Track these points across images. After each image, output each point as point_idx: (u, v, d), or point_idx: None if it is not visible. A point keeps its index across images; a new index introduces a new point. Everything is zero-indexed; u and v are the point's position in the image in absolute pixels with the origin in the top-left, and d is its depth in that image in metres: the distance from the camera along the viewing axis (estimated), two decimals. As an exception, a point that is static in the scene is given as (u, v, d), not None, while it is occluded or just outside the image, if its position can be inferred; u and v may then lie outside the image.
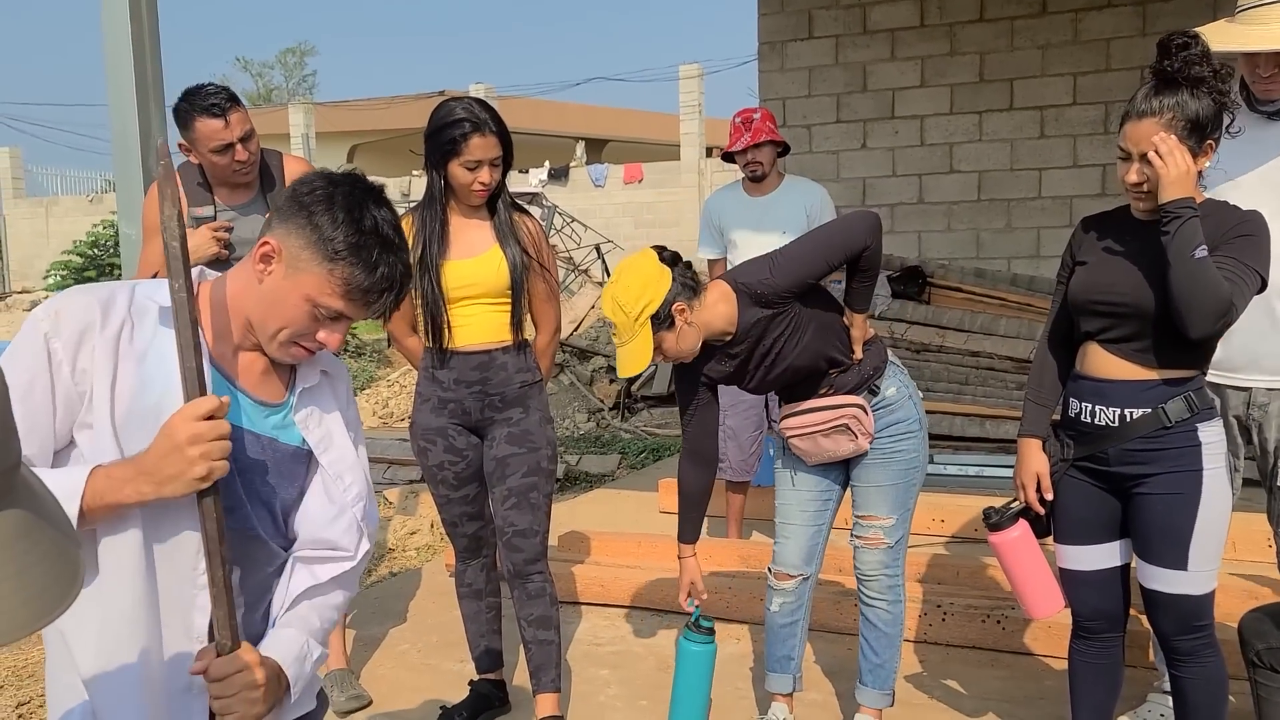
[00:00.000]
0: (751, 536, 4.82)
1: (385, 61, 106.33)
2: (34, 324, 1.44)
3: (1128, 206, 2.48)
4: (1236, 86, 2.74)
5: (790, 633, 3.04)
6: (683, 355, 2.74)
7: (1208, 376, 2.55)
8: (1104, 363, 2.47)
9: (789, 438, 2.92)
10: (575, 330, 10.26)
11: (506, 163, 3.01)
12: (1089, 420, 2.49)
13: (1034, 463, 2.61)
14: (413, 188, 19.94)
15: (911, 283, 6.89)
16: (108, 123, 3.83)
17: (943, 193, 7.86)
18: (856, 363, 2.85)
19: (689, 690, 2.83)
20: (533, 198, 16.66)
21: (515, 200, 3.14)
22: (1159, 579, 2.45)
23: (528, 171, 20.17)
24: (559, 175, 20.52)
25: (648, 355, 2.64)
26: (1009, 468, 2.93)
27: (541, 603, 3.16)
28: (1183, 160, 2.28)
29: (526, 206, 3.27)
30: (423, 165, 3.04)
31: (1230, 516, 2.48)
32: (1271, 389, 2.87)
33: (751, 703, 3.42)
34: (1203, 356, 2.45)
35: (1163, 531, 2.43)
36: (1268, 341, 2.82)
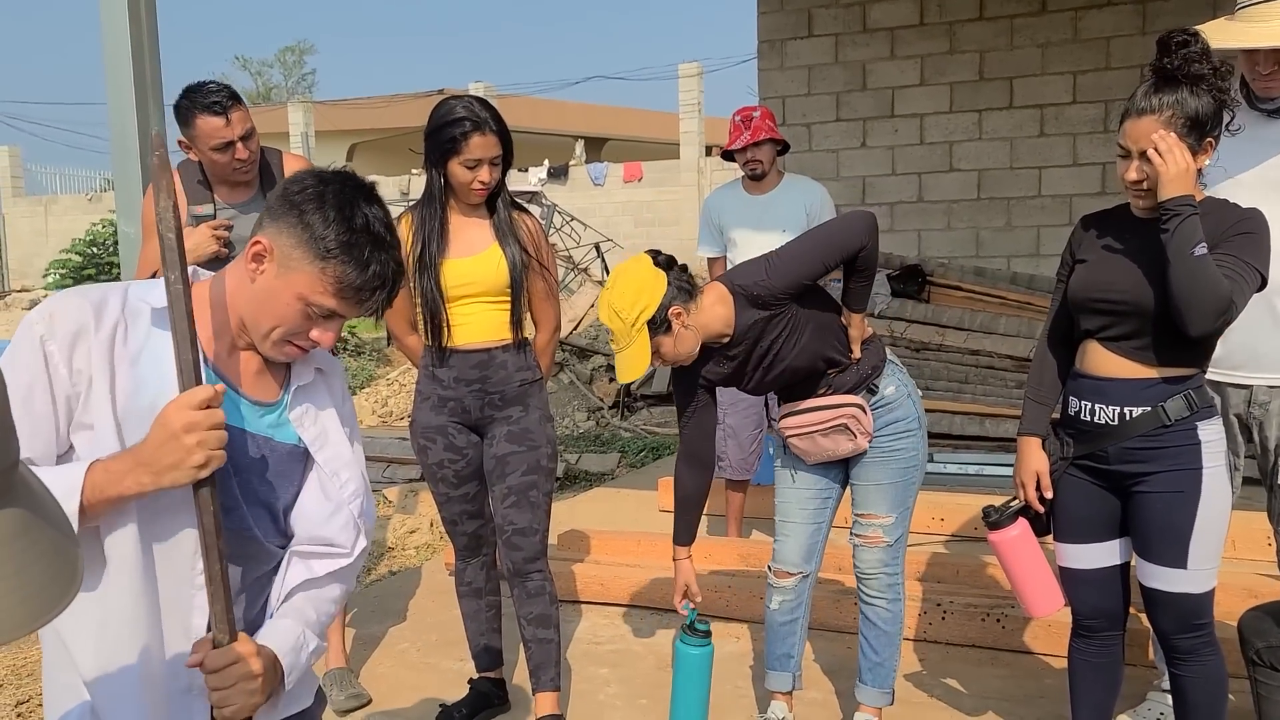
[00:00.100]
0: (751, 535, 4.82)
1: (384, 60, 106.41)
2: (29, 327, 1.44)
3: (1128, 205, 2.47)
4: (1236, 84, 2.74)
5: (790, 631, 3.04)
6: (681, 358, 2.73)
7: (1208, 374, 2.54)
8: (1104, 361, 2.47)
9: (788, 437, 2.92)
10: (575, 329, 10.26)
11: (506, 162, 3.01)
12: (1089, 418, 2.49)
13: (1034, 461, 2.60)
14: (412, 186, 19.93)
15: (911, 281, 6.89)
16: (107, 121, 3.82)
17: (942, 191, 7.86)
18: (855, 362, 2.85)
19: (687, 693, 2.83)
20: (532, 196, 16.66)
21: (515, 199, 3.14)
22: (1159, 577, 2.45)
23: (527, 170, 20.15)
24: (558, 174, 20.52)
25: (646, 360, 2.63)
26: (1008, 466, 2.93)
27: (541, 601, 3.16)
28: (1182, 158, 2.27)
29: (526, 205, 3.27)
30: (422, 164, 3.04)
31: (1230, 515, 2.48)
32: (1272, 387, 2.87)
33: (751, 701, 3.42)
34: (1202, 354, 2.45)
35: (1162, 530, 2.43)
36: (1268, 339, 2.82)
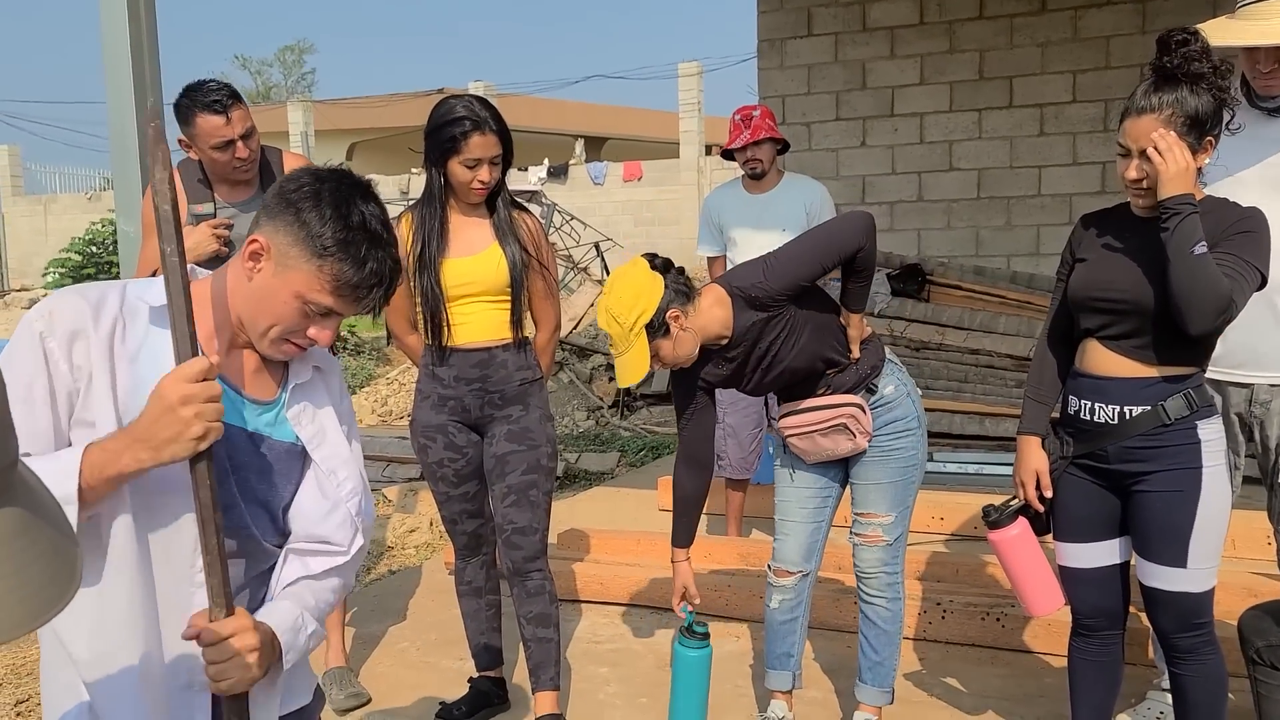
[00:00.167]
0: (751, 534, 4.82)
1: (384, 59, 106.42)
2: (28, 325, 1.44)
3: (1128, 204, 2.47)
4: (1237, 83, 2.74)
5: (790, 630, 3.04)
6: (680, 361, 2.73)
7: (1208, 373, 2.54)
8: (1103, 360, 2.47)
9: (787, 437, 2.91)
10: (575, 328, 10.26)
11: (506, 161, 3.01)
12: (1088, 418, 2.49)
13: (1033, 460, 2.60)
14: (412, 186, 19.93)
15: (911, 280, 6.89)
16: (106, 121, 3.82)
17: (942, 190, 7.85)
18: (854, 362, 2.85)
19: (686, 695, 2.83)
20: (532, 195, 16.66)
21: (515, 198, 3.14)
22: (1158, 577, 2.45)
23: (527, 169, 20.14)
24: (558, 173, 20.51)
25: (645, 364, 2.63)
26: (1008, 465, 2.93)
27: (541, 600, 3.16)
28: (1182, 156, 2.27)
29: (526, 204, 3.27)
30: (422, 163, 3.04)
31: (1230, 514, 2.48)
32: (1273, 385, 2.86)
33: (751, 700, 3.42)
34: (1202, 353, 2.45)
35: (1162, 529, 2.43)
36: (1269, 338, 2.82)
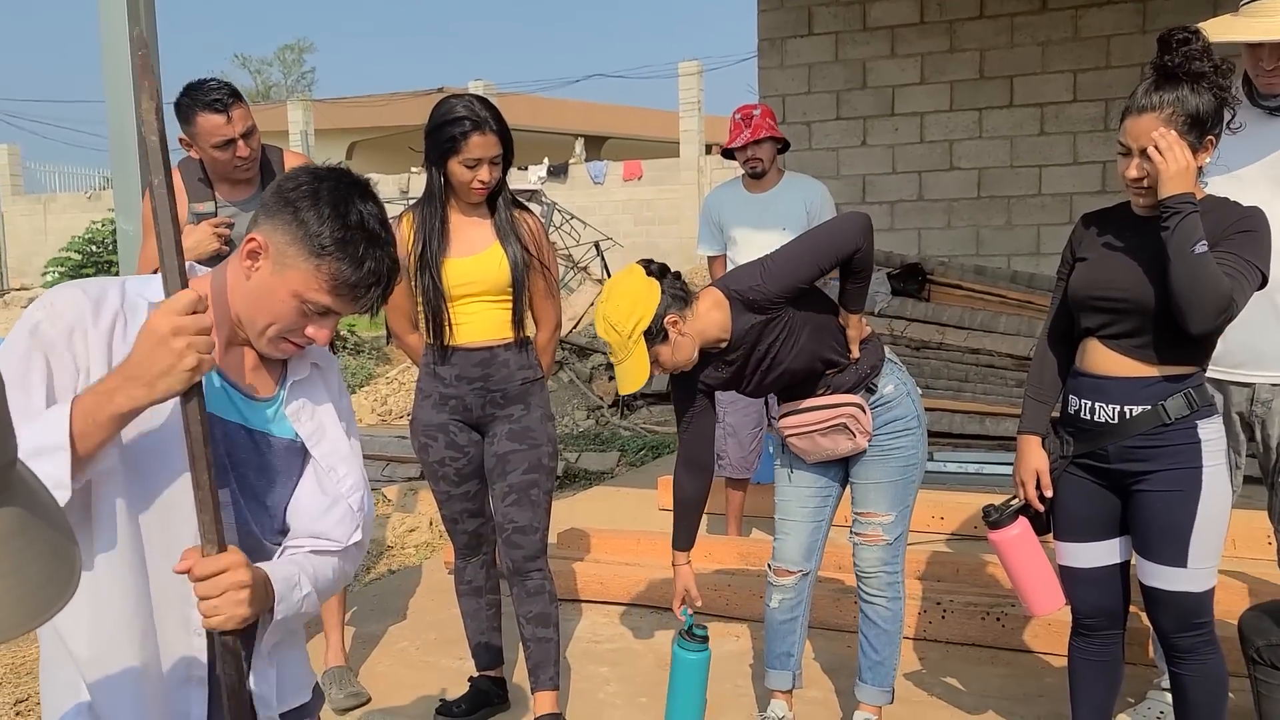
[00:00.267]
0: (751, 534, 4.82)
1: (384, 58, 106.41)
2: (27, 317, 1.44)
3: (1128, 203, 2.47)
4: (1238, 82, 2.74)
5: (790, 629, 3.04)
6: (680, 365, 2.73)
7: (1209, 372, 2.54)
8: (1104, 359, 2.47)
9: (787, 436, 2.91)
10: (575, 327, 10.25)
11: (507, 161, 3.00)
12: (1089, 417, 2.49)
13: (1033, 460, 2.60)
14: (412, 185, 19.93)
15: (911, 280, 6.89)
16: (105, 120, 3.82)
17: (942, 190, 7.85)
18: (853, 362, 2.85)
19: (684, 697, 2.83)
20: (531, 195, 16.65)
21: (515, 197, 3.14)
22: (1159, 576, 2.45)
23: (527, 169, 20.13)
24: (558, 172, 20.51)
25: (645, 371, 2.63)
26: (1009, 465, 2.93)
27: (541, 600, 3.15)
28: (1182, 155, 2.27)
29: (526, 204, 3.27)
30: (422, 162, 3.03)
31: (1230, 514, 2.47)
32: (1275, 385, 2.86)
33: (751, 700, 3.42)
34: (1203, 353, 2.45)
35: (1162, 529, 2.43)
36: (1270, 337, 2.82)
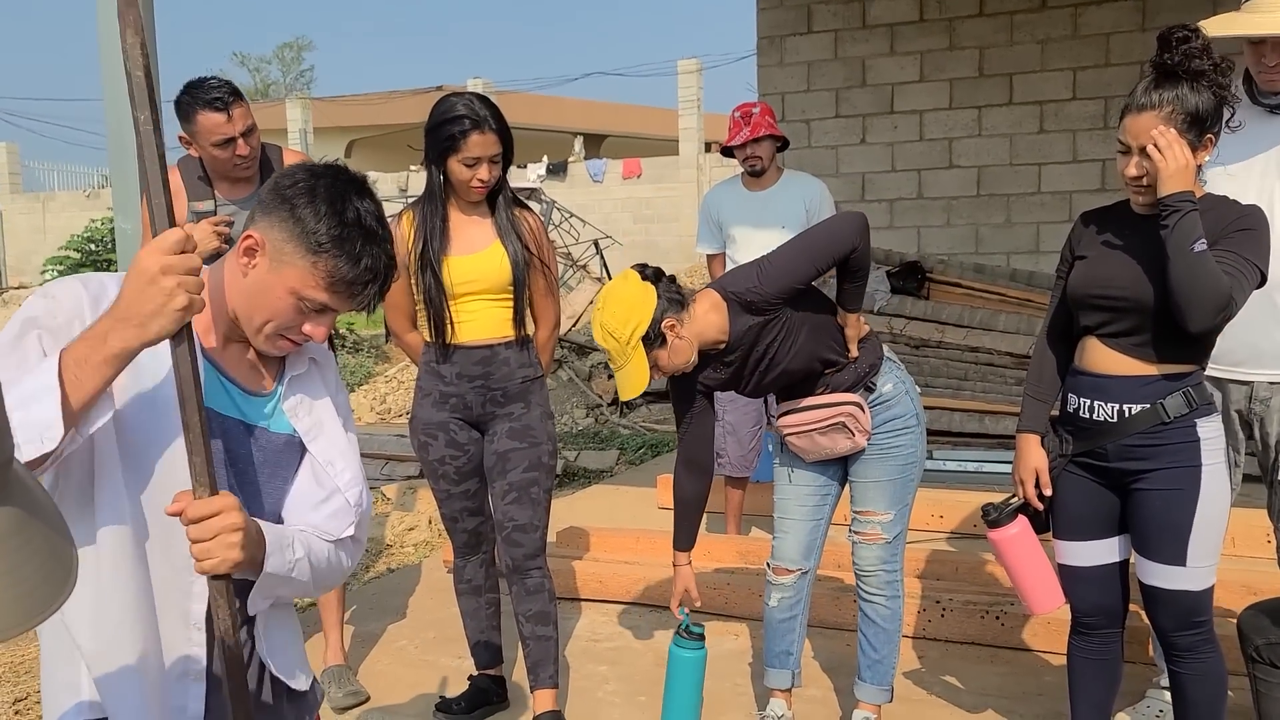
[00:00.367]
0: (750, 532, 4.82)
1: (382, 57, 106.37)
2: (28, 307, 1.43)
3: (1128, 201, 2.47)
4: (1238, 81, 2.74)
5: (789, 628, 3.04)
6: (678, 368, 2.73)
7: (1208, 370, 2.54)
8: (1103, 358, 2.47)
9: (786, 435, 2.91)
10: (574, 326, 10.26)
11: (507, 160, 3.00)
12: (1088, 416, 2.48)
13: (1032, 458, 2.60)
14: (410, 183, 19.93)
15: (911, 278, 6.89)
16: (104, 118, 3.81)
17: (942, 188, 7.85)
18: (852, 361, 2.85)
19: (681, 695, 2.83)
20: (531, 193, 16.64)
21: (516, 196, 3.14)
22: (1158, 575, 2.45)
23: (526, 167, 20.13)
24: (557, 170, 20.50)
25: (645, 376, 2.63)
26: (1008, 463, 2.93)
27: (540, 598, 3.15)
28: (1182, 154, 2.27)
29: (525, 202, 3.27)
30: (422, 160, 3.03)
31: (1229, 512, 2.47)
32: (1273, 383, 2.86)
33: (750, 699, 3.42)
34: (1202, 351, 2.44)
35: (1161, 527, 2.43)
36: (1269, 335, 2.82)
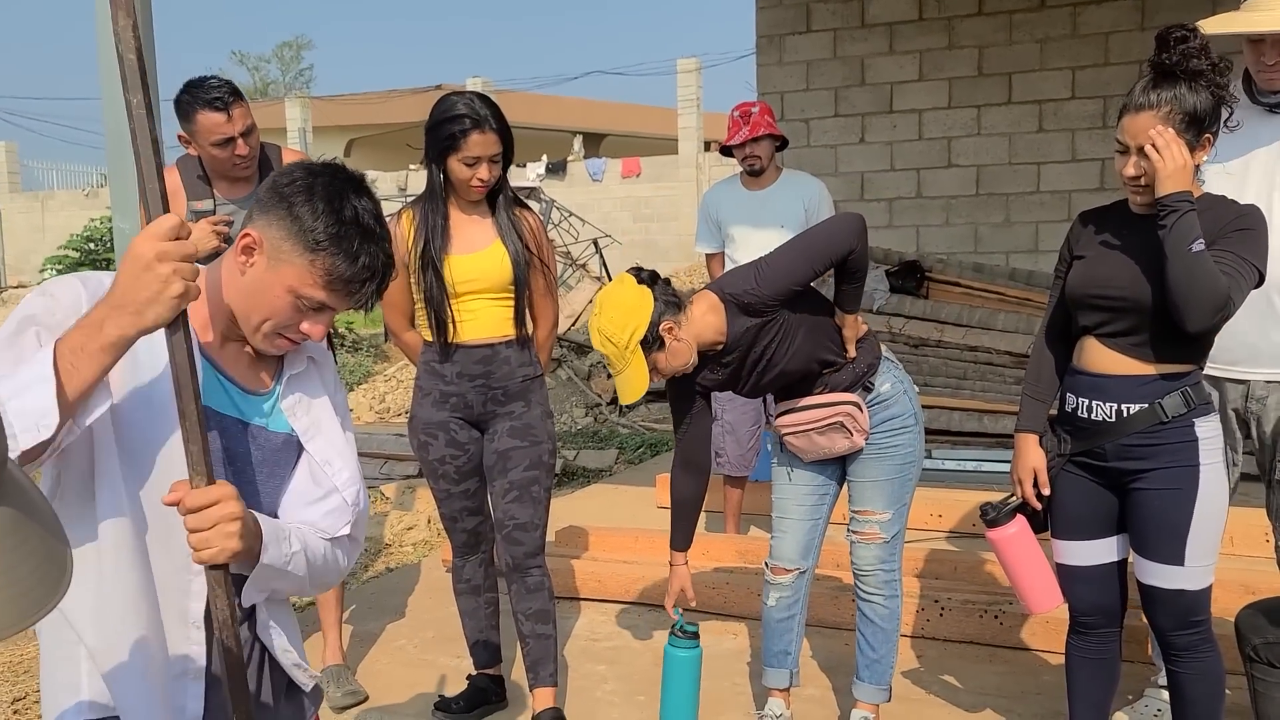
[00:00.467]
0: (749, 532, 4.82)
1: (382, 56, 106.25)
2: (26, 305, 1.43)
3: (1126, 201, 2.47)
4: (1237, 81, 2.73)
5: (787, 628, 3.04)
6: (677, 370, 2.74)
7: (1206, 369, 2.54)
8: (1101, 357, 2.47)
9: (784, 435, 2.91)
10: (573, 325, 10.26)
11: (507, 159, 3.00)
12: (1086, 415, 2.49)
13: (1031, 458, 2.60)
14: (409, 182, 19.93)
15: (909, 277, 6.88)
16: (102, 117, 3.81)
17: (941, 187, 7.85)
18: (850, 361, 2.85)
19: (678, 695, 2.83)
20: (530, 192, 16.64)
21: (516, 195, 3.14)
22: (1156, 574, 2.45)
23: (525, 166, 20.12)
24: (556, 170, 20.49)
25: (645, 380, 2.63)
26: (1006, 463, 2.93)
27: (540, 597, 3.15)
28: (1180, 154, 2.27)
29: (525, 201, 3.27)
30: (421, 159, 3.03)
31: (1227, 511, 2.48)
32: (1270, 382, 2.86)
33: (749, 698, 3.42)
34: (1200, 351, 2.44)
35: (1159, 527, 2.43)
36: (1266, 335, 2.82)
